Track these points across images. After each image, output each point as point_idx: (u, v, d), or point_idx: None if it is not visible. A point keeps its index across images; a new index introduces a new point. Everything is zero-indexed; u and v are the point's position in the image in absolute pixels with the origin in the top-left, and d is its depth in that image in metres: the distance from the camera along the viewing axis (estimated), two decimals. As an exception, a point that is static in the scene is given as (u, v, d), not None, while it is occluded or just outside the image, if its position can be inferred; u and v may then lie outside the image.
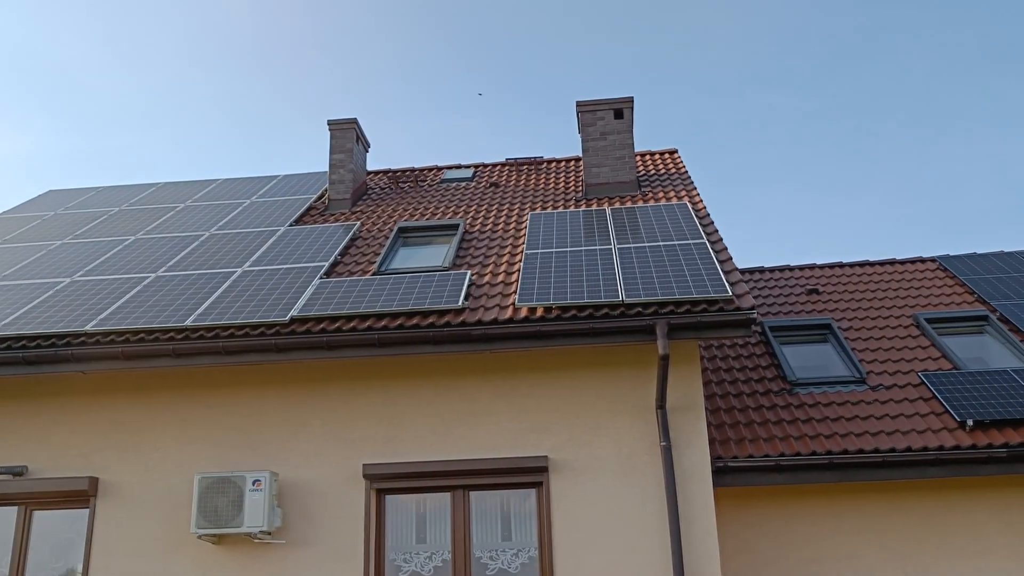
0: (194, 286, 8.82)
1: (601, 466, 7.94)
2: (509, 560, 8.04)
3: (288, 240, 10.09)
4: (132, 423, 8.44)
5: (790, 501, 8.34)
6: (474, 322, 7.70)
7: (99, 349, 7.88)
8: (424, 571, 8.06)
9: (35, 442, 8.49)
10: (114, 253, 10.19)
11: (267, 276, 8.93)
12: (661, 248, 8.72)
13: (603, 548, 7.71)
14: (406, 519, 8.22)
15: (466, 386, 8.27)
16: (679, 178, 11.74)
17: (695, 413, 7.98)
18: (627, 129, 11.55)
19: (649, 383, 8.12)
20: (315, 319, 7.94)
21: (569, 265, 8.49)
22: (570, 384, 8.18)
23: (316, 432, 8.27)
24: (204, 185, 13.25)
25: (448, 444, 8.15)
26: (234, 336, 7.85)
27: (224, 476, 7.80)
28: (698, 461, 7.85)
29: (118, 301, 8.57)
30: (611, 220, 9.79)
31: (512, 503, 8.22)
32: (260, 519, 7.65)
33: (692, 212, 9.82)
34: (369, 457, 8.15)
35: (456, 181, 12.70)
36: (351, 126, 12.30)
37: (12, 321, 8.29)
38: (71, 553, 8.36)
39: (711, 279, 7.83)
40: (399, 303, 7.92)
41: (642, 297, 7.58)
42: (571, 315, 7.61)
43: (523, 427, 8.11)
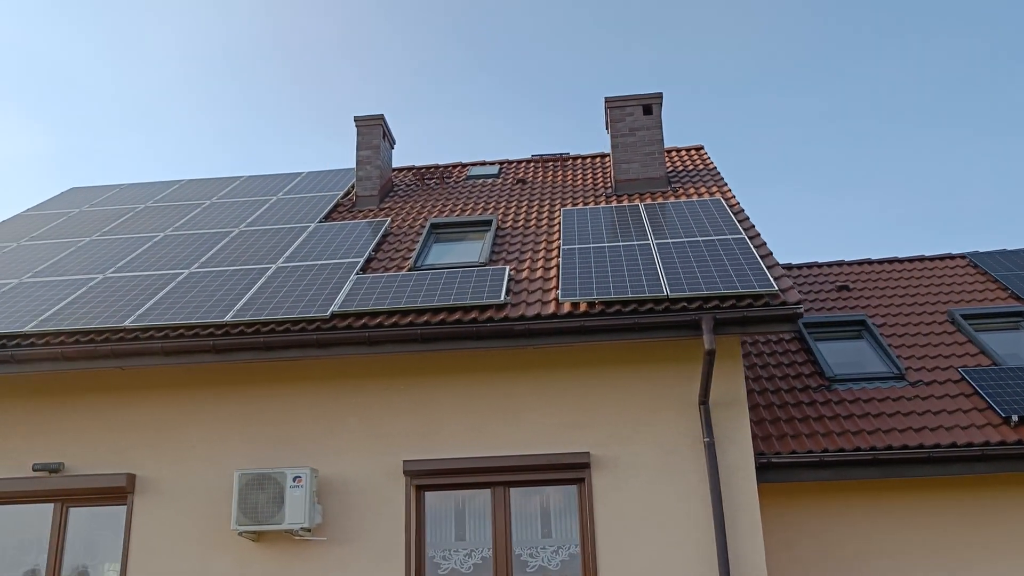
0: (229, 282, 8.77)
1: (643, 462, 7.88)
2: (549, 557, 7.99)
3: (320, 236, 10.03)
4: (168, 419, 8.39)
5: (829, 498, 8.27)
6: (516, 317, 7.64)
7: (138, 345, 7.82)
8: (463, 569, 8.01)
9: (71, 439, 8.44)
10: (144, 250, 10.14)
11: (303, 272, 8.87)
12: (700, 243, 8.66)
13: (647, 544, 7.65)
14: (444, 516, 8.16)
15: (504, 382, 8.21)
16: (708, 174, 11.68)
17: (738, 409, 7.92)
18: (656, 125, 11.49)
19: (689, 379, 8.06)
20: (355, 314, 7.88)
21: (608, 260, 8.43)
22: (610, 380, 8.12)
23: (353, 429, 8.21)
24: (227, 182, 13.20)
25: (487, 440, 8.09)
26: (274, 331, 7.79)
27: (264, 472, 7.74)
28: (741, 457, 7.79)
29: (154, 297, 8.52)
30: (645, 216, 9.72)
31: (551, 500, 8.16)
32: (301, 516, 7.59)
33: (727, 208, 9.76)
34: (408, 453, 8.09)
35: (482, 178, 12.65)
36: (378, 122, 12.24)
37: (49, 317, 8.24)
38: (107, 550, 8.32)
39: (755, 274, 7.77)
40: (440, 298, 7.86)
41: (686, 292, 7.52)
42: (615, 310, 7.55)
43: (563, 423, 8.05)
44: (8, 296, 8.96)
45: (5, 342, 8.00)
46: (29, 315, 8.35)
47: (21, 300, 8.79)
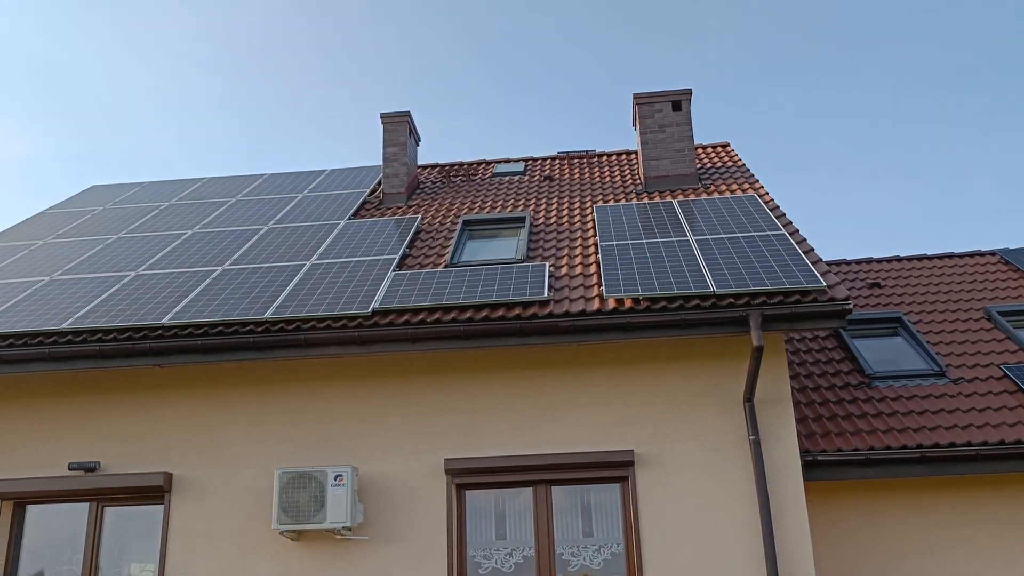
0: (264, 279, 8.68)
1: (687, 460, 7.80)
2: (591, 556, 7.90)
3: (351, 233, 9.95)
4: (205, 418, 8.31)
5: (871, 496, 8.19)
6: (562, 314, 7.56)
7: (177, 342, 7.74)
8: (504, 568, 7.92)
9: (107, 437, 8.35)
10: (173, 247, 10.05)
11: (339, 269, 8.79)
12: (740, 240, 8.58)
13: (692, 542, 7.56)
14: (484, 515, 8.08)
15: (546, 379, 8.13)
16: (737, 171, 11.60)
17: (783, 406, 7.83)
18: (686, 121, 11.41)
19: (732, 376, 7.97)
20: (397, 311, 7.80)
21: (649, 257, 8.35)
22: (651, 377, 8.04)
23: (393, 427, 8.13)
24: (250, 180, 13.11)
25: (529, 438, 8.01)
26: (315, 328, 7.70)
27: (305, 471, 7.66)
28: (787, 455, 7.71)
29: (189, 295, 8.43)
30: (680, 212, 9.64)
31: (592, 498, 8.08)
32: (343, 515, 7.51)
33: (762, 204, 9.68)
34: (449, 452, 8.01)
35: (508, 175, 12.56)
36: (404, 119, 12.16)
37: (85, 315, 8.16)
38: (142, 549, 8.23)
39: (801, 270, 7.69)
40: (482, 295, 7.78)
41: (733, 288, 7.44)
42: (661, 307, 7.47)
43: (606, 421, 7.97)
44: (40, 293, 8.88)
45: (41, 339, 7.91)
46: (64, 312, 8.26)
47: (54, 298, 8.70)
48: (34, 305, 8.54)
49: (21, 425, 8.46)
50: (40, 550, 8.34)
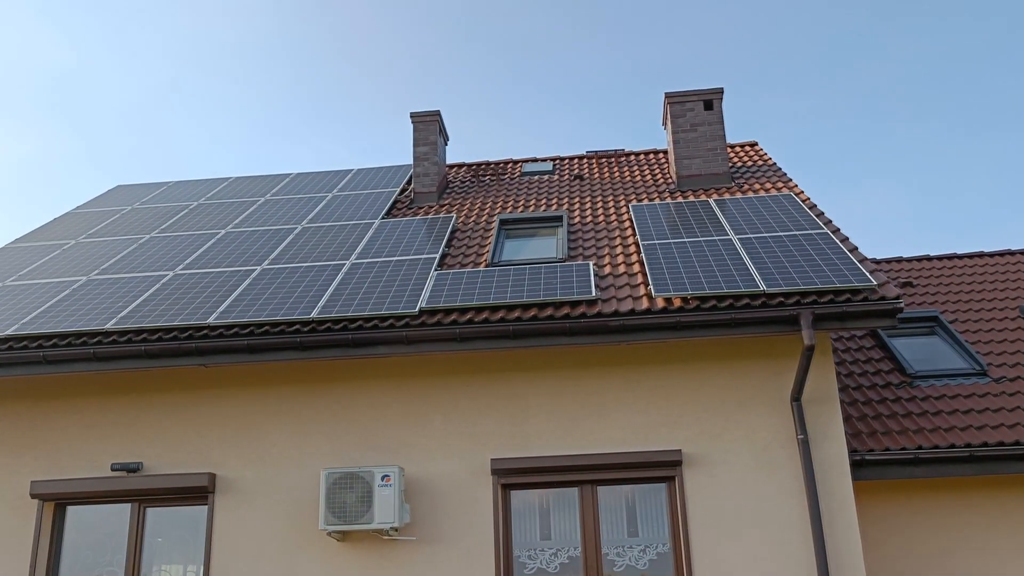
0: (306, 278, 8.65)
1: (735, 459, 7.77)
2: (636, 556, 7.87)
3: (388, 232, 9.91)
4: (247, 418, 8.27)
5: (917, 495, 8.16)
6: (611, 313, 7.53)
7: (223, 342, 7.70)
8: (550, 568, 7.89)
9: (149, 438, 8.32)
10: (209, 246, 10.02)
11: (379, 268, 8.76)
12: (784, 239, 8.55)
13: (742, 542, 7.54)
14: (528, 515, 8.05)
15: (591, 379, 8.10)
16: (769, 169, 11.58)
17: (830, 406, 7.81)
18: (718, 120, 11.38)
19: (780, 375, 7.94)
20: (443, 310, 7.76)
21: (693, 256, 8.32)
22: (698, 376, 8.01)
23: (438, 427, 8.10)
24: (277, 180, 13.08)
25: (575, 438, 7.98)
26: (362, 328, 7.67)
27: (352, 471, 7.63)
28: (835, 454, 7.68)
29: (231, 294, 8.40)
30: (718, 211, 9.61)
31: (637, 498, 8.05)
32: (391, 515, 7.48)
33: (800, 203, 9.65)
34: (495, 451, 7.98)
35: (537, 174, 12.54)
36: (434, 119, 12.12)
37: (127, 315, 8.12)
38: (184, 550, 8.20)
39: (849, 268, 7.66)
40: (529, 294, 7.75)
41: (783, 287, 7.41)
42: (710, 306, 7.44)
43: (653, 420, 7.94)
44: (79, 293, 8.84)
45: (85, 339, 7.88)
46: (106, 312, 8.23)
47: (93, 297, 8.67)
48: (75, 305, 8.50)
49: (61, 425, 8.43)
50: (80, 551, 8.30)
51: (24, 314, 8.36)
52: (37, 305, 8.58)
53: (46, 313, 8.35)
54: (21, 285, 9.24)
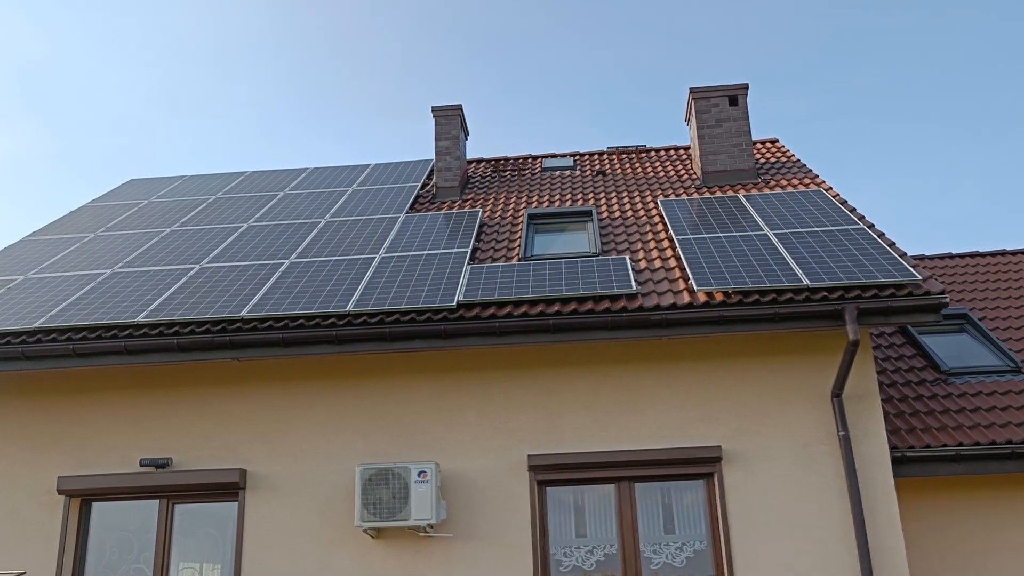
0: (336, 272, 8.53)
1: (775, 456, 7.69)
2: (673, 554, 7.79)
3: (415, 227, 9.80)
4: (278, 413, 8.15)
5: (955, 492, 8.09)
6: (652, 307, 7.44)
7: (257, 336, 7.58)
8: (586, 566, 7.80)
9: (178, 433, 8.18)
10: (233, 240, 9.89)
11: (411, 262, 8.64)
12: (820, 234, 8.47)
13: (782, 539, 7.46)
14: (563, 512, 7.95)
15: (627, 374, 8.01)
16: (793, 166, 11.51)
17: (870, 402, 7.74)
18: (743, 116, 11.31)
19: (818, 371, 7.87)
20: (480, 304, 7.66)
21: (730, 250, 8.23)
22: (736, 372, 7.93)
23: (472, 422, 7.99)
24: (294, 174, 12.95)
25: (611, 434, 7.88)
26: (399, 322, 7.56)
27: (387, 467, 7.51)
28: (876, 451, 7.62)
29: (263, 287, 8.27)
30: (750, 206, 9.53)
31: (674, 495, 7.96)
32: (428, 512, 7.37)
33: (831, 199, 9.58)
34: (530, 448, 7.88)
35: (558, 169, 12.44)
36: (456, 112, 12.01)
37: (158, 307, 7.99)
38: (213, 547, 8.07)
39: (891, 263, 7.59)
40: (567, 288, 7.65)
41: (826, 281, 7.34)
42: (753, 300, 7.36)
43: (691, 416, 7.85)
44: (105, 286, 8.70)
45: (116, 332, 7.74)
46: (135, 305, 8.09)
47: (121, 290, 8.53)
48: (101, 297, 8.36)
49: (87, 420, 8.28)
50: (105, 547, 8.16)
51: (50, 307, 8.22)
52: (63, 298, 8.43)
53: (73, 306, 8.21)
54: (44, 278, 9.09)
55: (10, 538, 8.01)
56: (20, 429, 8.32)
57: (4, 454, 8.26)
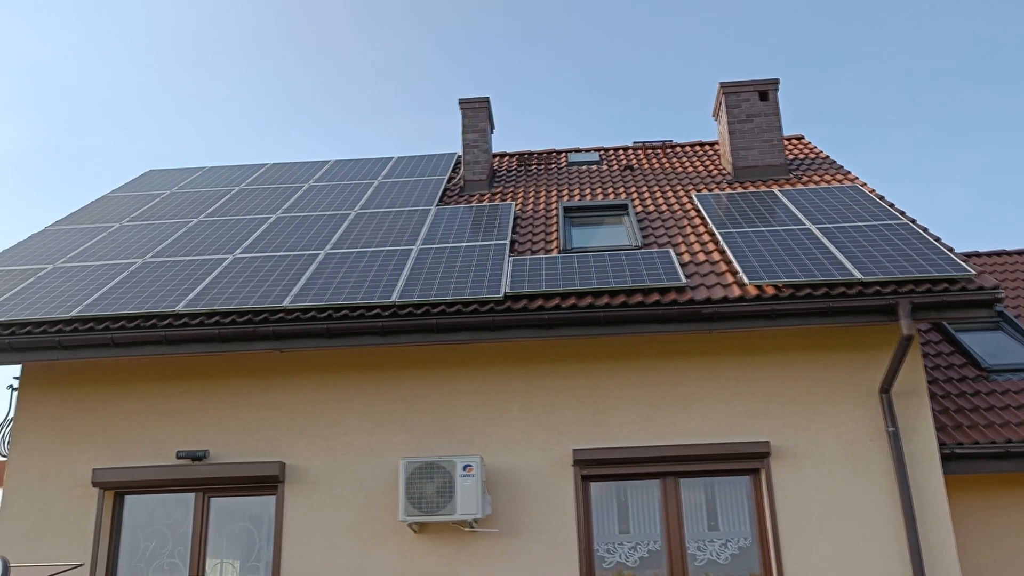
0: (375, 263, 8.41)
1: (823, 452, 7.61)
2: (718, 551, 7.70)
3: (448, 219, 9.69)
4: (317, 406, 8.02)
5: (999, 490, 8.04)
6: (703, 300, 7.35)
7: (300, 326, 7.45)
8: (629, 562, 7.71)
9: (214, 425, 8.05)
10: (264, 230, 9.75)
11: (450, 253, 8.53)
12: (864, 228, 8.40)
13: (831, 536, 7.38)
14: (606, 507, 7.86)
15: (673, 368, 7.92)
16: (824, 162, 11.44)
17: (919, 398, 7.67)
18: (774, 111, 11.23)
19: (865, 367, 7.79)
20: (528, 296, 7.55)
21: (776, 244, 8.15)
22: (782, 367, 7.85)
23: (515, 416, 7.88)
24: (317, 166, 12.81)
25: (657, 429, 7.79)
26: (445, 313, 7.44)
27: (432, 461, 7.40)
28: (925, 447, 7.55)
29: (301, 278, 8.14)
30: (788, 201, 9.46)
31: (717, 490, 7.87)
32: (474, 506, 7.26)
33: (868, 194, 9.51)
34: (575, 442, 7.78)
35: (584, 164, 12.34)
36: (484, 105, 11.89)
37: (197, 297, 7.85)
38: (247, 541, 7.94)
39: (942, 258, 7.52)
40: (615, 280, 7.55)
41: (878, 276, 7.26)
42: (805, 294, 7.28)
43: (737, 411, 7.77)
44: (138, 275, 8.55)
45: (155, 322, 7.60)
46: (172, 294, 7.95)
47: (155, 280, 8.39)
48: (137, 287, 8.22)
49: (121, 411, 8.14)
50: (137, 541, 8.02)
51: (84, 295, 8.07)
52: (96, 287, 8.28)
53: (108, 295, 8.06)
54: (75, 267, 8.94)
55: (43, 531, 7.86)
56: (52, 421, 8.17)
57: (35, 446, 8.11)
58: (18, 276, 8.83)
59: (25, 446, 8.11)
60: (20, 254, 9.63)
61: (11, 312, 7.80)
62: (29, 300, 8.07)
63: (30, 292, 8.28)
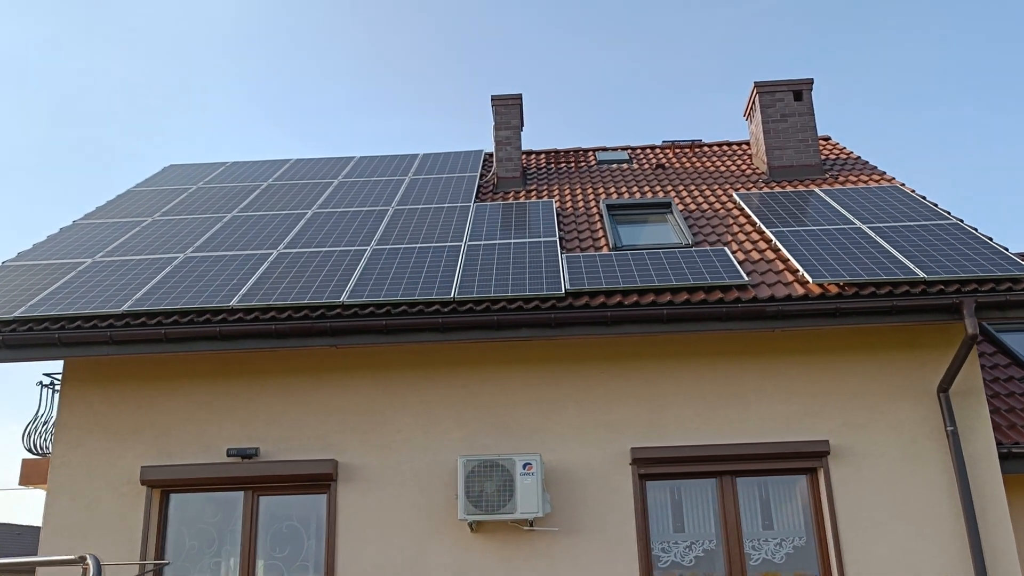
0: (424, 259, 8.31)
1: (881, 452, 7.60)
2: (772, 550, 7.67)
3: (489, 216, 9.60)
4: (370, 403, 7.91)
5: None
6: (767, 298, 7.31)
7: (359, 322, 7.34)
8: (684, 561, 7.66)
9: (264, 423, 7.92)
10: (303, 226, 9.62)
11: (500, 250, 8.45)
12: (916, 228, 8.41)
13: (891, 535, 7.37)
14: (660, 506, 7.80)
15: (729, 367, 7.88)
16: (856, 163, 11.47)
17: (976, 398, 7.68)
18: (808, 111, 11.24)
19: (923, 366, 7.79)
20: (588, 293, 7.49)
21: (830, 243, 8.13)
22: (840, 366, 7.83)
23: (571, 414, 7.82)
24: (343, 162, 12.67)
25: (714, 427, 7.75)
26: (505, 309, 7.36)
27: (491, 459, 7.32)
28: (983, 447, 7.56)
29: (353, 274, 8.03)
30: (832, 201, 9.45)
31: (771, 489, 7.84)
32: (534, 505, 7.19)
33: (911, 194, 9.53)
34: (631, 440, 7.72)
35: (614, 162, 12.30)
36: (516, 102, 11.82)
37: (250, 292, 7.72)
38: (296, 540, 7.82)
39: (1001, 258, 7.54)
40: (677, 278, 7.50)
41: (941, 275, 7.26)
42: (869, 292, 7.26)
43: (794, 410, 7.74)
44: (184, 270, 8.40)
45: (209, 317, 7.46)
46: (223, 290, 7.82)
47: (201, 275, 8.24)
48: (184, 281, 8.07)
49: (167, 408, 7.98)
50: (182, 540, 7.88)
51: (132, 290, 7.92)
52: (143, 281, 8.13)
53: (156, 289, 7.91)
54: (115, 261, 8.77)
55: (89, 529, 7.70)
56: (96, 418, 8.00)
57: (80, 443, 7.94)
58: (57, 270, 8.66)
59: (69, 443, 7.94)
60: (53, 248, 9.44)
61: (58, 306, 7.63)
62: (75, 294, 7.90)
63: (74, 286, 8.12)
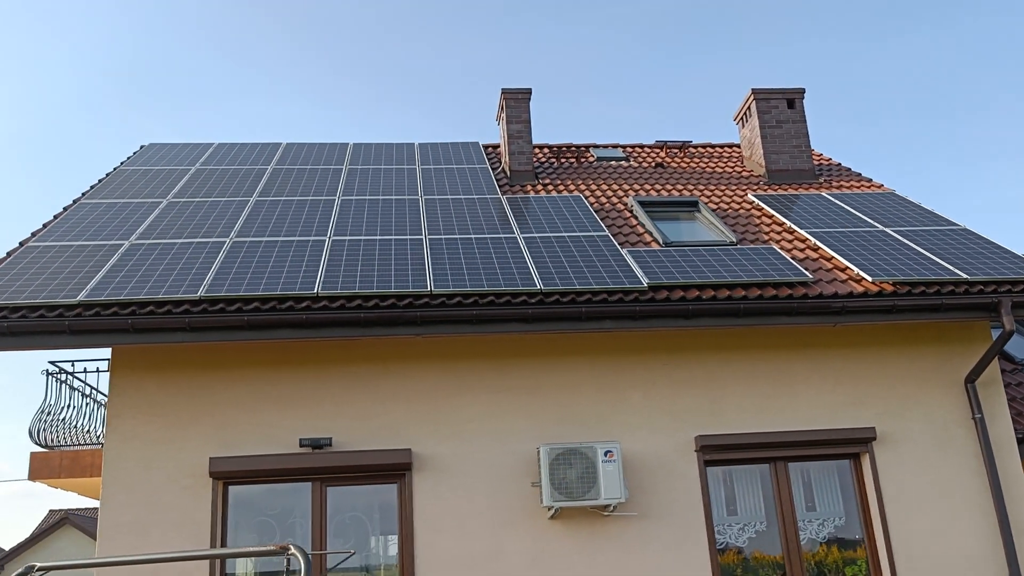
0: (487, 250, 8.39)
1: (917, 438, 8.27)
2: (816, 530, 8.23)
3: (531, 209, 9.75)
4: (440, 392, 7.96)
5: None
6: (831, 295, 7.82)
7: (447, 312, 7.38)
8: (738, 543, 8.11)
9: (331, 412, 7.83)
10: (340, 212, 9.46)
11: (557, 243, 8.63)
12: (936, 232, 9.16)
13: (929, 516, 8.05)
14: (715, 490, 8.21)
15: (780, 360, 8.38)
16: (843, 170, 12.24)
17: (995, 387, 8.47)
18: (801, 119, 11.92)
19: (951, 359, 8.51)
20: (668, 287, 7.80)
21: (869, 245, 8.75)
22: (880, 359, 8.45)
23: (637, 404, 8.12)
24: (340, 148, 12.43)
25: (768, 416, 8.23)
26: (591, 301, 7.57)
27: (573, 447, 7.53)
28: (1004, 432, 8.36)
29: (425, 263, 8.03)
30: (845, 205, 10.11)
31: (812, 473, 8.40)
32: (617, 491, 7.46)
33: (910, 201, 10.32)
34: (695, 429, 8.10)
35: (612, 159, 12.63)
36: (526, 96, 11.95)
37: (328, 279, 7.61)
38: (362, 531, 7.80)
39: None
40: (746, 275, 7.91)
41: (980, 276, 7.97)
42: (920, 291, 7.89)
43: (840, 400, 8.32)
44: (240, 255, 8.15)
45: (292, 304, 7.31)
46: (300, 275, 7.67)
47: (264, 260, 8.04)
48: (250, 267, 7.85)
49: (228, 398, 7.76)
50: (240, 533, 7.71)
51: (199, 275, 7.65)
52: (204, 266, 7.86)
53: (222, 274, 7.66)
54: (156, 244, 8.41)
55: (150, 523, 7.41)
56: (151, 407, 7.69)
57: (135, 433, 7.62)
58: (95, 252, 8.23)
59: (124, 434, 7.61)
60: (68, 229, 8.94)
61: (123, 291, 7.30)
62: (133, 278, 7.56)
63: (128, 270, 7.76)
